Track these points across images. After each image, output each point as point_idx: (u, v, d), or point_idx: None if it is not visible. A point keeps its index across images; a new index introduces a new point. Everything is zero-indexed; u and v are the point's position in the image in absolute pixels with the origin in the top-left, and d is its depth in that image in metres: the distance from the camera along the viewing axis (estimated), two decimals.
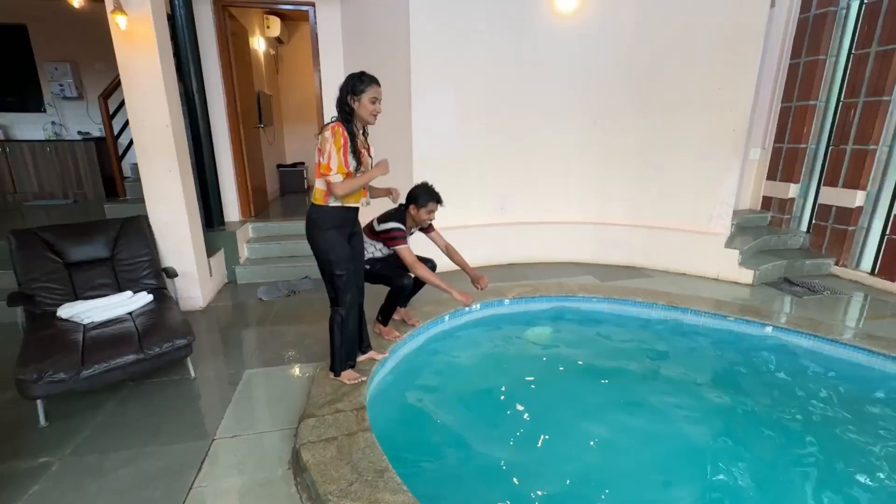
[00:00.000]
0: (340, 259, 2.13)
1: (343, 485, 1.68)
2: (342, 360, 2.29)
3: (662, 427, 2.29)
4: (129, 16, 2.88)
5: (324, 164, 2.00)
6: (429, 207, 2.67)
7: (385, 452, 1.85)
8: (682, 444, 2.19)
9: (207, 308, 3.64)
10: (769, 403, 2.46)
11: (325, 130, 1.99)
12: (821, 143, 4.49)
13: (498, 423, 2.34)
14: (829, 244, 4.41)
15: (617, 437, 2.21)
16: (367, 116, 2.06)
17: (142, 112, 3.14)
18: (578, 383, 2.73)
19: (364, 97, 2.01)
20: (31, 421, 2.13)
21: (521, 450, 2.16)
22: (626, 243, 4.60)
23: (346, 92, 2.02)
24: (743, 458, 2.06)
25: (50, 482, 1.80)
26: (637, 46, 4.20)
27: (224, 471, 1.88)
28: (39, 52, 6.23)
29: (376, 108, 2.05)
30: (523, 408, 2.46)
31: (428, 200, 2.66)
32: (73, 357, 2.01)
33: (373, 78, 2.04)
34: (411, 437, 2.27)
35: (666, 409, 2.40)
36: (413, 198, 2.68)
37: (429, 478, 1.97)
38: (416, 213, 2.69)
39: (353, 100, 2.02)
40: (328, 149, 1.98)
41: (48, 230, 2.91)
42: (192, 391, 2.45)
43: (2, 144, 6.04)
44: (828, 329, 3.01)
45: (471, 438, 2.22)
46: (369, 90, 2.01)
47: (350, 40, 4.44)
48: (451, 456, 2.13)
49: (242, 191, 4.78)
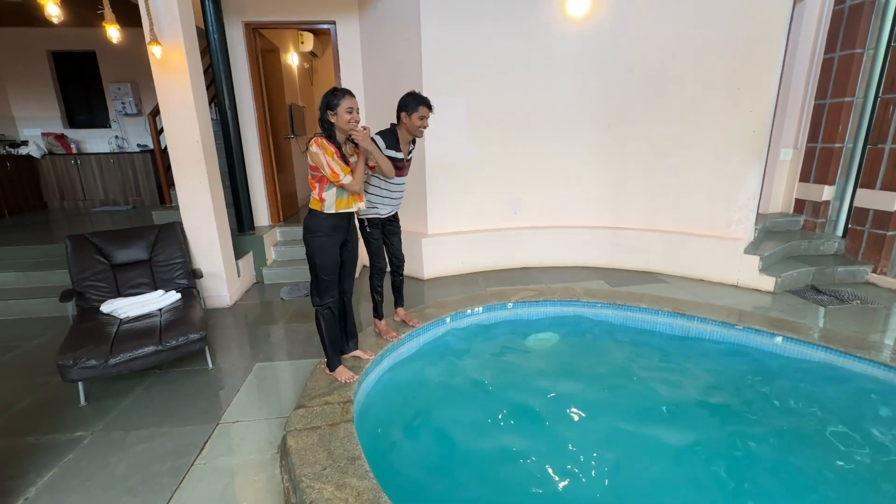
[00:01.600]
0: (326, 265, 2.32)
1: (317, 469, 1.86)
2: (331, 356, 2.49)
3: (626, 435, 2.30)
4: (163, 46, 3.25)
5: (330, 174, 2.16)
6: (420, 112, 2.54)
7: (364, 444, 2.01)
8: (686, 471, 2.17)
9: (234, 306, 3.99)
10: (745, 412, 2.41)
11: (311, 146, 2.17)
12: (857, 142, 4.20)
13: (482, 424, 2.44)
14: (867, 250, 4.12)
15: (591, 449, 2.26)
16: (345, 126, 2.17)
17: (176, 130, 3.52)
18: (572, 390, 2.76)
19: (339, 109, 2.15)
20: (74, 401, 2.50)
21: (501, 453, 2.24)
22: (641, 248, 4.52)
23: (324, 108, 2.19)
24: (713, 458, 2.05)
25: (81, 453, 2.12)
26: (651, 47, 4.13)
27: (222, 452, 2.12)
28: (106, 75, 7.02)
29: (353, 118, 2.17)
30: (510, 413, 2.53)
31: (418, 104, 2.54)
32: (104, 347, 2.35)
33: (346, 91, 2.19)
34: (396, 432, 2.42)
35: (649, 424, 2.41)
36: (402, 105, 2.58)
37: (402, 469, 2.11)
38: (408, 121, 2.57)
39: (331, 115, 2.17)
40: (324, 161, 2.15)
41: (98, 235, 3.33)
42: (207, 380, 2.74)
43: (75, 157, 6.86)
44: (844, 342, 2.86)
45: (452, 437, 2.34)
46: (343, 102, 2.14)
47: (368, 54, 4.68)
48: (429, 452, 2.27)
49: (272, 198, 5.16)
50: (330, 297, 2.40)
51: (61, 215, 6.38)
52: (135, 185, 7.01)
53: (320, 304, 2.40)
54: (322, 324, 2.43)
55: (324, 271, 2.32)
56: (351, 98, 2.18)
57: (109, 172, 6.94)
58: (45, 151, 6.77)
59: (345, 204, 2.31)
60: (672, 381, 2.77)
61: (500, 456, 2.19)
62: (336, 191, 2.26)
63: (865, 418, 2.36)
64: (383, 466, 1.99)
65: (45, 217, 6.20)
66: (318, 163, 2.16)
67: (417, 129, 2.59)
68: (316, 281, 2.37)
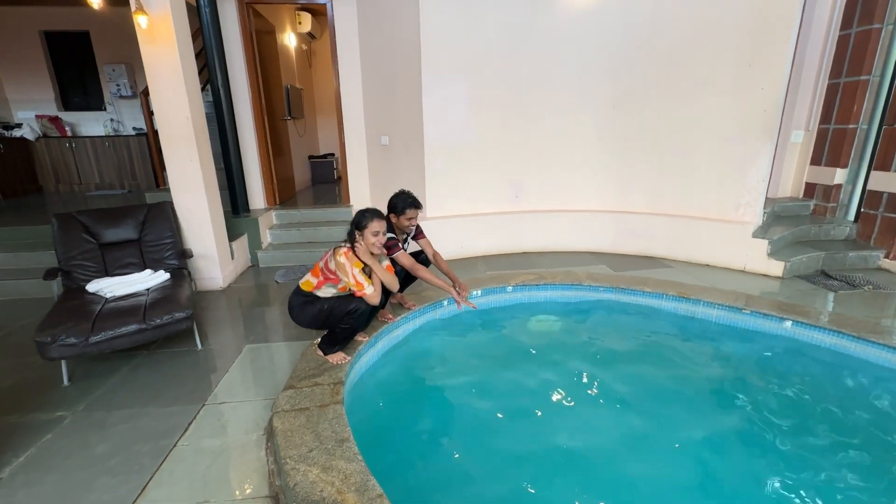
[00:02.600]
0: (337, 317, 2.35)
1: (303, 451, 1.77)
2: (339, 344, 2.42)
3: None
4: (149, 15, 3.12)
5: (355, 285, 2.28)
6: (408, 214, 2.66)
7: (354, 426, 1.92)
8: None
9: (227, 288, 3.90)
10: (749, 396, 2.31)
11: (339, 256, 2.28)
12: (873, 122, 4.04)
13: (475, 407, 2.35)
14: (879, 235, 3.98)
15: (587, 431, 2.17)
16: (368, 246, 2.31)
17: (165, 104, 3.40)
18: (566, 376, 2.67)
19: (367, 231, 2.28)
20: (58, 381, 2.42)
21: (493, 436, 2.16)
22: (646, 232, 4.40)
23: (354, 227, 2.32)
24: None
25: (61, 433, 2.04)
26: (658, 23, 3.97)
27: (207, 433, 2.04)
28: (100, 56, 6.87)
29: (378, 240, 2.31)
30: (503, 397, 2.44)
31: (405, 207, 2.64)
32: (85, 325, 2.26)
33: (376, 213, 2.31)
34: (388, 415, 2.34)
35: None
36: (391, 207, 2.70)
37: (393, 452, 2.03)
38: (396, 221, 2.69)
39: (358, 235, 2.31)
40: (350, 273, 2.28)
41: (86, 214, 3.24)
42: (196, 361, 2.66)
43: (69, 140, 6.75)
44: (856, 326, 2.75)
45: (446, 420, 2.27)
46: (372, 224, 2.27)
47: (365, 32, 4.52)
48: (422, 435, 2.18)
49: (267, 179, 5.04)
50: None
51: (56, 198, 6.29)
52: (130, 168, 6.90)
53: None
54: (355, 317, 2.34)
55: (336, 321, 2.36)
56: (380, 221, 2.31)
57: (105, 155, 6.83)
58: (40, 134, 6.65)
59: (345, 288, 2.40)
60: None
61: (493, 439, 2.10)
62: (334, 290, 2.39)
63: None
64: (374, 449, 1.90)
65: (40, 200, 6.12)
66: (344, 272, 2.29)
67: (406, 227, 2.72)
68: (334, 330, 2.40)
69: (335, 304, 2.34)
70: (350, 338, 2.46)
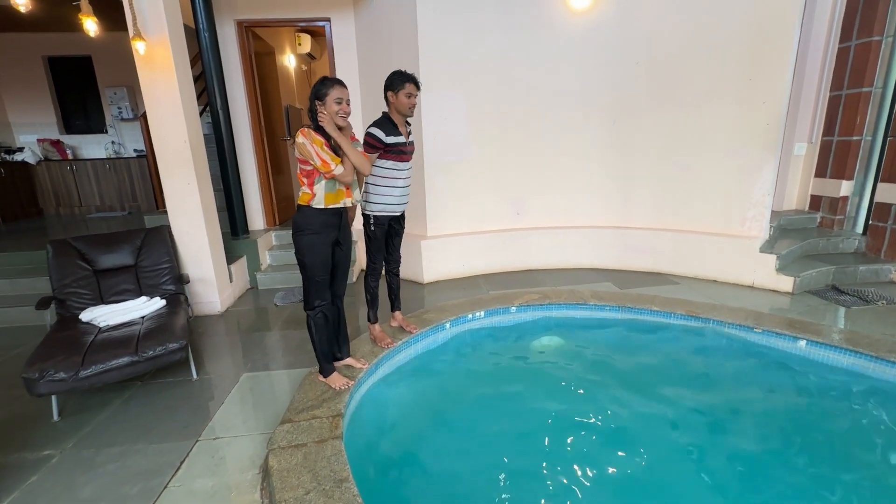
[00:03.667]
0: (315, 265, 2.17)
1: (300, 493, 1.68)
2: (323, 362, 2.35)
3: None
4: (147, 41, 3.11)
5: (321, 164, 2.06)
6: (407, 90, 2.43)
7: (354, 463, 1.83)
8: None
9: (226, 312, 3.83)
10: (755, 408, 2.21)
11: (297, 137, 2.05)
12: (877, 133, 4.00)
13: (476, 438, 2.25)
14: (890, 248, 3.90)
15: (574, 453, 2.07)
16: (333, 116, 2.08)
17: (163, 129, 3.38)
18: (580, 401, 2.57)
19: (328, 99, 2.05)
20: (47, 416, 2.33)
21: (504, 470, 2.06)
22: (650, 248, 4.33)
23: (313, 98, 2.08)
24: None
25: (47, 474, 1.95)
26: (658, 38, 3.96)
27: (200, 471, 1.94)
28: (102, 79, 6.93)
29: (342, 109, 2.08)
30: (507, 426, 2.34)
31: (403, 82, 2.43)
32: (75, 358, 2.18)
33: (336, 80, 2.08)
34: (390, 449, 2.24)
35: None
36: (388, 85, 2.48)
37: (396, 492, 1.93)
38: (395, 100, 2.47)
39: (320, 105, 2.07)
40: (312, 151, 2.04)
41: (81, 240, 3.18)
42: (190, 392, 2.57)
43: (70, 163, 6.76)
44: (872, 344, 2.65)
45: (451, 454, 2.16)
46: (332, 92, 2.05)
47: (364, 51, 4.54)
48: (426, 471, 2.08)
49: (267, 200, 5.01)
50: (321, 300, 2.26)
51: (56, 222, 6.27)
52: (131, 189, 6.91)
53: (311, 309, 2.27)
54: (313, 329, 2.30)
55: (313, 271, 2.19)
56: (341, 88, 2.07)
57: (105, 178, 6.84)
58: (41, 157, 6.67)
59: (334, 199, 2.17)
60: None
61: (503, 473, 2.00)
62: (325, 184, 2.13)
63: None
64: (374, 489, 1.81)
65: (40, 224, 6.09)
66: (307, 154, 2.06)
67: (407, 108, 2.47)
68: (306, 283, 2.24)
69: (304, 255, 2.18)
70: (322, 353, 2.33)
